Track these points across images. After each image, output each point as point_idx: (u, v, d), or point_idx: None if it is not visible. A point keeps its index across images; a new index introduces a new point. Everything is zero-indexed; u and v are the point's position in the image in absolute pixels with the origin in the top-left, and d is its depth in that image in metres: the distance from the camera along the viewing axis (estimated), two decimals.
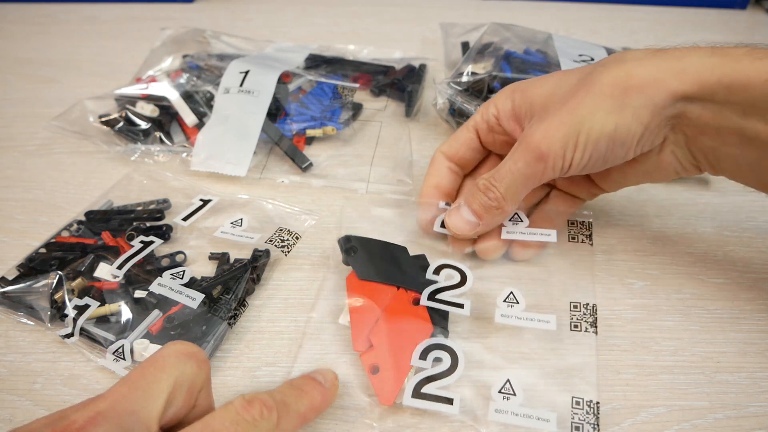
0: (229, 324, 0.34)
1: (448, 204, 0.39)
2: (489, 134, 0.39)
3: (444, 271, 0.37)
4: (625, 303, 0.37)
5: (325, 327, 0.35)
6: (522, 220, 0.38)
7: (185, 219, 0.41)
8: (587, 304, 0.35)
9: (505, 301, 0.35)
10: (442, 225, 0.38)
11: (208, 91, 0.52)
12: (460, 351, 0.32)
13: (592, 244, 0.38)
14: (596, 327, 0.34)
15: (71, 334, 0.34)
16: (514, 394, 0.31)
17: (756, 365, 0.33)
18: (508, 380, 0.31)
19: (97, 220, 0.42)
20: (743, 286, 0.38)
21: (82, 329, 0.34)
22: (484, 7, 0.80)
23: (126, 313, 0.35)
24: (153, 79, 0.54)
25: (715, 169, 0.34)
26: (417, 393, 0.30)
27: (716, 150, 0.32)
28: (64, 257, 0.39)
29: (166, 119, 0.51)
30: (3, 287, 0.37)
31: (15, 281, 0.37)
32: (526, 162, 0.33)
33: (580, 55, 0.50)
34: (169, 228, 0.41)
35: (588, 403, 0.30)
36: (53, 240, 0.40)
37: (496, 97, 0.38)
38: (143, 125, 0.50)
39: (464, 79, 0.49)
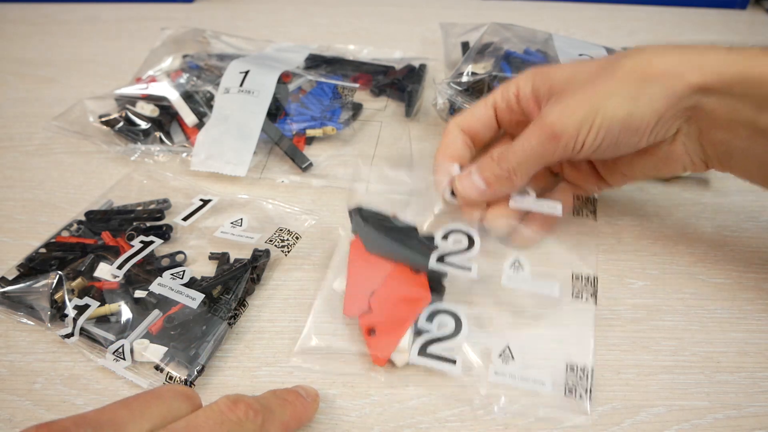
0: (229, 324, 0.34)
1: (462, 169, 0.39)
2: (506, 113, 0.39)
3: (452, 236, 0.38)
4: (624, 303, 0.37)
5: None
6: (530, 194, 0.38)
7: (185, 219, 0.41)
8: (588, 276, 0.35)
9: (511, 267, 0.36)
10: (453, 194, 0.38)
11: (208, 91, 0.52)
12: (464, 317, 0.33)
13: (596, 220, 0.39)
14: (596, 298, 0.34)
15: (71, 334, 0.34)
16: (513, 359, 0.32)
17: (756, 365, 0.33)
18: (507, 346, 0.33)
19: (97, 220, 0.42)
20: (743, 286, 0.38)
21: (82, 329, 0.34)
22: (484, 7, 0.80)
23: (126, 313, 0.35)
24: (153, 79, 0.54)
25: (722, 163, 0.34)
26: (423, 352, 0.32)
27: (727, 143, 0.33)
28: (64, 257, 0.39)
29: (166, 119, 0.51)
30: (3, 287, 0.37)
31: (15, 281, 0.37)
32: (539, 140, 0.34)
33: (580, 55, 0.50)
34: (169, 228, 0.41)
35: (582, 369, 0.32)
36: (53, 240, 0.40)
37: (518, 78, 0.38)
38: (143, 125, 0.50)
39: (464, 79, 0.49)
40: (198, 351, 0.33)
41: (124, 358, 0.33)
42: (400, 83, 0.57)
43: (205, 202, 0.43)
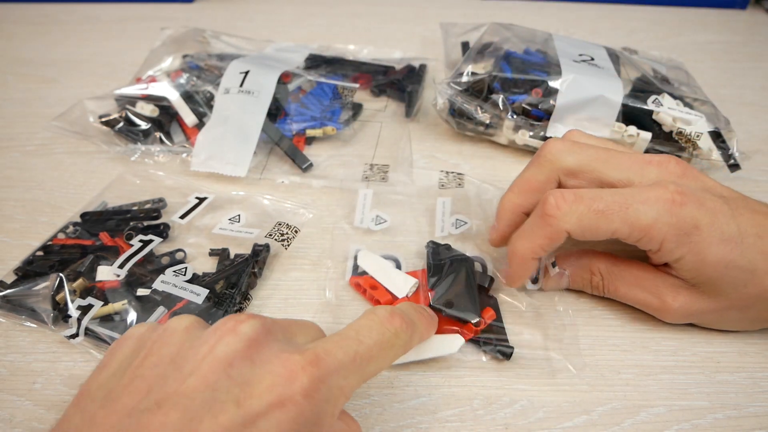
0: None
1: (554, 264, 0.36)
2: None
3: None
4: (624, 302, 0.37)
5: None
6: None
7: (182, 217, 0.41)
8: None
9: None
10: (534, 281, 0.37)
11: (208, 91, 0.52)
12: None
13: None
14: None
15: (76, 335, 0.34)
16: None
17: (756, 365, 0.33)
18: None
19: (93, 221, 0.42)
20: None
21: (86, 329, 0.34)
22: (484, 7, 0.80)
23: (131, 311, 0.35)
24: (153, 79, 0.54)
25: None
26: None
27: None
28: (63, 259, 0.38)
29: (166, 119, 0.51)
30: (2, 291, 0.36)
31: (14, 284, 0.37)
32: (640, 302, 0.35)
33: (580, 55, 0.51)
34: (167, 226, 0.41)
35: None
36: (49, 242, 0.40)
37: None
38: (143, 125, 0.50)
39: (464, 79, 0.49)
40: None
41: None
42: (400, 83, 0.57)
43: (201, 199, 0.43)
